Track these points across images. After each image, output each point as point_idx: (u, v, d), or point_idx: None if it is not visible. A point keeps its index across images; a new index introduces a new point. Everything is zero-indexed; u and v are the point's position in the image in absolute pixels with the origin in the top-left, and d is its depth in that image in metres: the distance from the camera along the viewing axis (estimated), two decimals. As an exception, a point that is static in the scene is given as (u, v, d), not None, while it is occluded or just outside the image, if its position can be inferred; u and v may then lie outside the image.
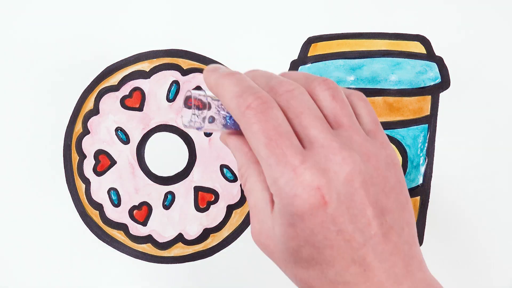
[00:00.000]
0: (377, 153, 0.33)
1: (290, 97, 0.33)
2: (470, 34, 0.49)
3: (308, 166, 0.31)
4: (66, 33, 0.49)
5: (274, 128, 0.31)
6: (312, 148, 0.32)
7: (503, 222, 0.49)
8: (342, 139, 0.33)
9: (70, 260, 0.48)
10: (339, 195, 0.31)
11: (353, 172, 0.31)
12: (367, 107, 0.35)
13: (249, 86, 0.32)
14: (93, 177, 0.49)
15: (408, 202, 0.34)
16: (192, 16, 0.49)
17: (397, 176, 0.33)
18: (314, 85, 0.34)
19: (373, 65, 0.49)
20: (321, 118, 0.33)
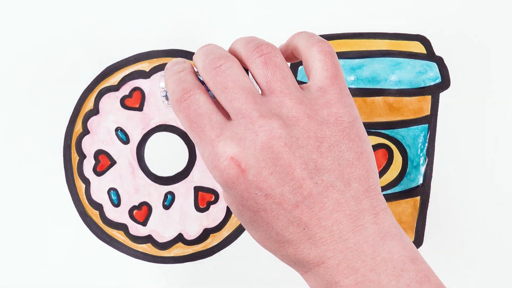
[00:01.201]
0: (311, 114, 0.34)
1: (216, 74, 0.35)
2: (470, 34, 0.49)
3: (223, 138, 0.33)
4: (66, 33, 0.49)
5: (194, 111, 0.34)
6: (235, 119, 0.34)
7: (503, 222, 0.49)
8: (269, 106, 0.34)
9: (70, 260, 0.48)
10: (258, 161, 0.32)
11: (270, 138, 0.33)
12: (325, 59, 0.35)
13: (182, 81, 0.36)
14: (93, 177, 0.49)
15: (362, 157, 0.34)
16: (192, 16, 0.49)
17: (340, 133, 0.34)
18: (249, 54, 0.35)
19: (373, 65, 0.49)
20: (246, 89, 0.34)
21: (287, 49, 0.39)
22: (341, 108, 0.34)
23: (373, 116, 0.48)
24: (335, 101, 0.34)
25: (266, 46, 0.35)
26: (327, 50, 0.36)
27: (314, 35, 0.37)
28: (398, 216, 0.49)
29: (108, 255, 0.48)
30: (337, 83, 0.35)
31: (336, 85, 0.35)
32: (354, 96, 0.48)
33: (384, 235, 0.33)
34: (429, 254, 0.49)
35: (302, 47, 0.37)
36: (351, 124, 0.34)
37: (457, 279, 0.49)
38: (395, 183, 0.49)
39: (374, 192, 0.34)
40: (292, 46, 0.38)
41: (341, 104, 0.34)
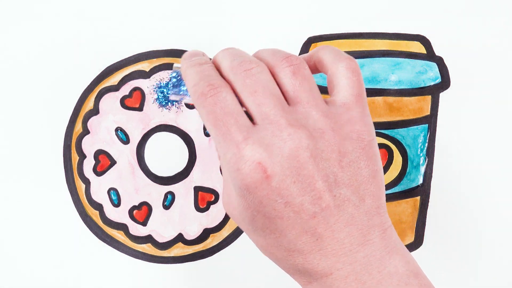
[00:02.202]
0: (335, 128, 0.34)
1: (246, 76, 0.35)
2: (470, 34, 0.49)
3: (251, 142, 0.33)
4: (66, 33, 0.49)
5: (221, 109, 0.34)
6: (262, 124, 0.34)
7: (503, 222, 0.49)
8: (296, 115, 0.34)
9: (70, 260, 0.48)
10: (284, 169, 0.33)
11: (298, 147, 0.33)
12: (352, 77, 0.36)
13: (207, 75, 0.35)
14: (93, 177, 0.49)
15: (377, 175, 0.35)
16: (192, 16, 0.49)
17: (361, 150, 0.35)
18: (277, 63, 0.36)
19: (373, 65, 0.49)
20: (275, 95, 0.34)
21: (310, 61, 0.39)
22: (363, 126, 0.35)
23: (373, 116, 0.48)
24: (358, 119, 0.35)
25: (295, 57, 0.36)
26: (355, 68, 0.36)
27: (340, 51, 0.38)
28: (398, 216, 0.49)
29: (108, 255, 0.48)
30: (361, 102, 0.36)
31: (360, 104, 0.36)
32: (354, 96, 0.48)
33: (390, 250, 0.34)
34: (429, 254, 0.49)
35: (329, 62, 0.37)
36: (370, 143, 0.35)
37: (457, 279, 0.49)
38: (395, 183, 0.49)
39: (383, 210, 0.35)
40: (317, 59, 0.38)
41: (363, 122, 0.35)
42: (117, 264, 0.49)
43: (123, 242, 0.49)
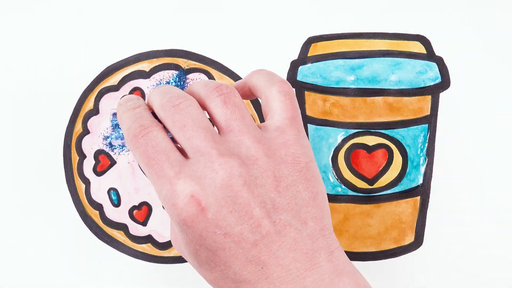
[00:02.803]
0: (269, 154, 0.34)
1: (175, 112, 0.35)
2: (470, 34, 0.49)
3: (183, 176, 0.33)
4: (66, 33, 0.49)
5: (153, 148, 0.34)
6: (194, 157, 0.34)
7: (503, 222, 0.49)
8: (228, 144, 0.34)
9: (70, 260, 0.48)
10: (218, 200, 0.32)
11: (230, 176, 0.33)
12: (285, 101, 0.36)
13: (138, 117, 0.36)
14: (93, 177, 0.49)
15: (317, 197, 0.35)
16: (192, 16, 0.49)
17: (298, 173, 0.34)
18: (207, 94, 0.36)
19: (373, 65, 0.49)
20: (205, 127, 0.34)
21: (245, 86, 0.39)
22: (299, 149, 0.35)
23: (373, 116, 0.48)
24: (292, 142, 0.35)
25: (225, 86, 0.36)
26: (287, 91, 0.36)
27: (273, 74, 0.38)
28: (398, 216, 0.49)
29: (108, 255, 0.48)
30: (295, 125, 0.36)
31: (294, 127, 0.36)
32: (354, 96, 0.48)
33: (339, 272, 0.33)
34: (429, 254, 0.49)
35: (262, 86, 0.37)
36: (307, 164, 0.35)
37: (457, 279, 0.49)
38: (395, 183, 0.49)
39: (328, 231, 0.35)
40: (251, 84, 0.38)
41: (299, 145, 0.35)
42: (117, 264, 0.49)
43: (123, 242, 0.49)
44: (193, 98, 0.36)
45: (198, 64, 0.49)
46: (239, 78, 0.49)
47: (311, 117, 0.49)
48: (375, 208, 0.49)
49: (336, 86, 0.48)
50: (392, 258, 0.49)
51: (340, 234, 0.49)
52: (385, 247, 0.49)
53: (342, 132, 0.49)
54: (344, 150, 0.49)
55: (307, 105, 0.49)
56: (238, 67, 0.49)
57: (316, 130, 0.49)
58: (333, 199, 0.49)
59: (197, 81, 0.38)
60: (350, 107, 0.48)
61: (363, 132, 0.49)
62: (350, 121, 0.49)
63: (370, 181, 0.49)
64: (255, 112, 0.49)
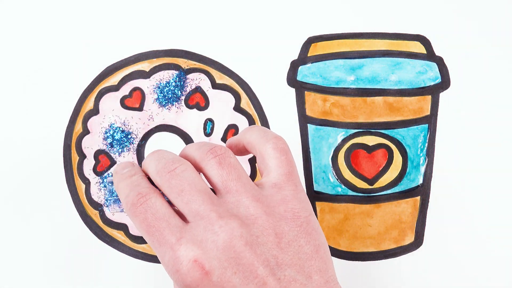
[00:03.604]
0: (268, 211, 0.34)
1: (171, 177, 0.35)
2: (470, 34, 0.49)
3: (184, 241, 0.33)
4: (66, 32, 0.49)
5: (152, 215, 0.34)
6: (193, 222, 0.34)
7: (503, 222, 0.49)
8: (227, 206, 0.34)
9: (70, 260, 0.48)
10: (221, 262, 0.33)
11: (231, 238, 0.33)
12: (280, 157, 0.36)
13: (136, 185, 0.36)
14: (93, 177, 0.49)
15: (320, 249, 0.35)
16: (192, 16, 0.49)
17: (298, 228, 0.35)
18: (202, 157, 0.36)
19: (373, 65, 0.49)
20: (202, 190, 0.35)
21: (239, 143, 0.39)
22: (297, 204, 0.35)
23: (373, 116, 0.48)
24: (291, 197, 0.35)
25: (219, 148, 0.36)
26: (282, 147, 0.37)
27: (267, 130, 0.38)
28: (398, 216, 0.49)
29: (108, 255, 0.48)
30: (292, 180, 0.36)
31: (291, 182, 0.36)
32: (354, 96, 0.48)
33: None
34: (429, 254, 0.49)
35: (256, 143, 0.38)
36: (307, 218, 0.35)
37: (457, 279, 0.49)
38: (395, 183, 0.49)
39: (333, 283, 0.35)
40: (246, 141, 0.39)
41: (297, 200, 0.35)
42: (117, 264, 0.49)
43: (123, 242, 0.49)
44: (188, 162, 0.36)
45: (198, 64, 0.49)
46: (239, 78, 0.49)
47: (311, 117, 0.49)
48: (375, 208, 0.49)
49: (336, 86, 0.48)
50: (392, 258, 0.49)
51: (340, 234, 0.49)
52: (385, 247, 0.49)
53: (342, 132, 0.49)
54: (344, 150, 0.49)
55: (307, 105, 0.49)
56: (238, 67, 0.49)
57: (316, 130, 0.49)
58: (333, 199, 0.49)
59: (189, 144, 0.38)
60: (350, 107, 0.48)
61: (363, 132, 0.49)
62: (350, 121, 0.49)
63: (370, 181, 0.49)
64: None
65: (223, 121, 0.49)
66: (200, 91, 0.49)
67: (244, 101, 0.49)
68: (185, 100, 0.49)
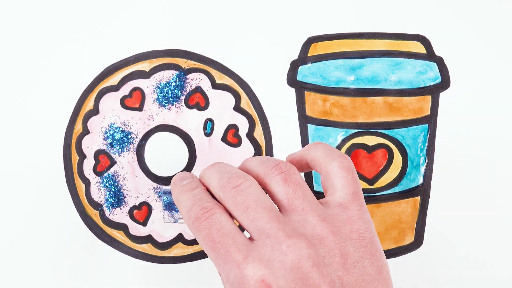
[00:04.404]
0: (334, 231, 0.34)
1: (236, 193, 0.35)
2: (470, 34, 0.49)
3: (251, 260, 0.33)
4: (66, 32, 0.49)
5: (218, 231, 0.34)
6: (259, 240, 0.33)
7: (503, 222, 0.49)
8: (293, 224, 0.34)
9: (70, 260, 0.48)
10: (288, 282, 0.32)
11: (300, 258, 0.32)
12: (347, 176, 0.36)
13: (199, 199, 0.36)
14: (93, 177, 0.49)
15: (383, 271, 0.35)
16: (192, 16, 0.49)
17: (363, 249, 0.34)
18: (267, 172, 0.36)
19: (373, 65, 0.49)
20: (268, 207, 0.34)
21: (302, 160, 0.39)
22: (363, 224, 0.35)
23: (373, 116, 0.48)
24: (356, 217, 0.35)
25: (284, 164, 0.36)
26: (348, 166, 0.36)
27: (332, 148, 0.38)
28: (398, 216, 0.49)
29: (108, 255, 0.48)
30: (357, 200, 0.36)
31: (357, 202, 0.36)
32: (354, 96, 0.48)
33: None
34: (429, 254, 0.49)
35: (322, 161, 0.37)
36: (371, 239, 0.35)
37: (457, 279, 0.49)
38: (395, 183, 0.49)
39: None
40: (309, 158, 0.38)
41: (362, 220, 0.35)
42: (117, 264, 0.49)
43: (123, 242, 0.49)
44: (253, 178, 0.36)
45: (198, 64, 0.49)
46: (239, 78, 0.49)
47: (311, 117, 0.49)
48: (375, 208, 0.49)
49: (336, 86, 0.48)
50: (392, 258, 0.49)
51: (340, 234, 0.49)
52: (385, 247, 0.49)
53: (342, 132, 0.49)
54: (344, 150, 0.49)
55: (307, 105, 0.49)
56: (238, 67, 0.49)
57: (316, 130, 0.49)
58: (333, 199, 0.49)
59: (250, 157, 0.38)
60: (350, 107, 0.48)
61: (363, 132, 0.49)
62: (350, 121, 0.49)
63: (370, 181, 0.49)
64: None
65: (223, 121, 0.49)
66: (200, 91, 0.49)
67: (244, 101, 0.49)
68: (185, 100, 0.49)
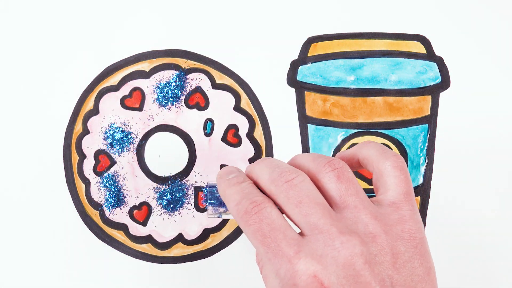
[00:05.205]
0: (386, 230, 0.34)
1: (289, 187, 0.34)
2: (470, 34, 0.49)
3: (303, 255, 0.32)
4: (66, 33, 0.49)
5: (268, 225, 0.33)
6: (311, 235, 0.33)
7: (503, 221, 0.49)
8: (345, 221, 0.34)
9: (70, 260, 0.48)
10: (340, 279, 0.32)
11: (352, 255, 0.32)
12: (400, 176, 0.36)
13: (248, 193, 0.35)
14: (93, 177, 0.49)
15: (431, 273, 0.35)
16: (192, 16, 0.49)
17: (413, 249, 0.34)
18: (319, 168, 0.36)
19: (373, 65, 0.49)
20: (321, 204, 0.34)
21: (353, 158, 0.39)
22: (414, 224, 0.35)
23: (373, 116, 0.48)
24: (408, 217, 0.35)
25: (337, 161, 0.36)
26: (401, 166, 0.36)
27: (385, 147, 0.38)
28: (398, 216, 0.49)
29: (108, 255, 0.48)
30: (409, 200, 0.36)
31: (409, 202, 0.36)
32: (354, 96, 0.48)
33: None
34: (429, 254, 0.49)
35: (374, 160, 0.37)
36: (422, 240, 0.35)
37: (457, 279, 0.49)
38: (395, 183, 0.49)
39: None
40: (361, 156, 0.38)
41: (413, 221, 0.35)
42: (117, 264, 0.49)
43: (123, 242, 0.49)
44: (305, 174, 0.35)
45: (198, 64, 0.49)
46: (239, 78, 0.49)
47: (311, 117, 0.49)
48: (375, 208, 0.49)
49: (336, 86, 0.48)
50: (392, 258, 0.49)
51: (340, 234, 0.49)
52: (385, 247, 0.49)
53: (342, 132, 0.49)
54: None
55: (307, 105, 0.49)
56: (238, 67, 0.49)
57: (316, 130, 0.49)
58: (333, 199, 0.49)
59: (300, 154, 0.38)
60: (350, 107, 0.48)
61: (363, 132, 0.49)
62: (350, 121, 0.49)
63: (370, 181, 0.49)
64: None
65: (223, 121, 0.49)
66: (200, 91, 0.49)
67: (244, 101, 0.49)
68: (185, 100, 0.49)
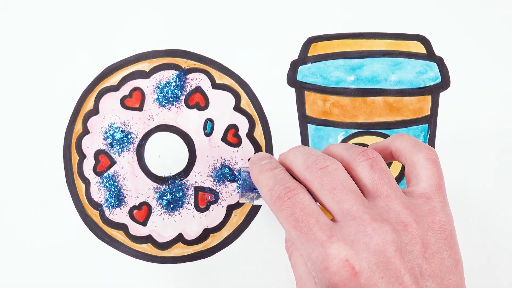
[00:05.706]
0: (417, 220, 0.35)
1: (323, 174, 0.35)
2: (470, 34, 0.49)
3: (336, 239, 0.33)
4: (66, 33, 0.49)
5: (301, 210, 0.34)
6: (344, 221, 0.34)
7: (503, 222, 0.49)
8: (377, 209, 0.34)
9: (70, 260, 0.48)
10: (371, 265, 0.33)
11: (384, 242, 0.33)
12: (432, 168, 0.37)
13: (280, 179, 0.36)
14: (93, 177, 0.49)
15: (458, 265, 0.35)
16: (192, 16, 0.49)
17: (443, 241, 0.35)
18: (353, 157, 0.36)
19: (373, 65, 0.49)
20: (354, 191, 0.35)
21: (386, 149, 0.39)
22: (444, 216, 0.36)
23: (373, 116, 0.48)
24: (439, 209, 0.36)
25: (371, 151, 0.36)
26: (434, 159, 0.37)
27: (418, 140, 0.38)
28: (398, 216, 0.49)
29: (108, 255, 0.48)
30: (441, 192, 0.36)
31: (441, 194, 0.36)
32: (354, 96, 0.48)
33: None
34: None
35: (408, 151, 0.38)
36: (451, 232, 0.35)
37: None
38: (395, 183, 0.49)
39: None
40: (394, 148, 0.39)
41: (444, 213, 0.36)
42: (117, 264, 0.49)
43: (123, 242, 0.49)
44: (338, 162, 0.36)
45: (198, 64, 0.49)
46: (239, 78, 0.49)
47: (311, 117, 0.49)
48: (375, 208, 0.49)
49: (336, 86, 0.48)
50: (392, 258, 0.49)
51: (340, 234, 0.49)
52: (385, 247, 0.49)
53: (342, 132, 0.49)
54: (344, 150, 0.49)
55: (307, 105, 0.49)
56: (238, 67, 0.49)
57: (316, 130, 0.49)
58: (333, 199, 0.49)
59: (334, 144, 0.39)
60: (350, 107, 0.48)
61: (363, 132, 0.49)
62: (350, 121, 0.49)
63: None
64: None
65: (223, 121, 0.49)
66: (200, 91, 0.49)
67: (244, 101, 0.49)
68: (185, 100, 0.49)
